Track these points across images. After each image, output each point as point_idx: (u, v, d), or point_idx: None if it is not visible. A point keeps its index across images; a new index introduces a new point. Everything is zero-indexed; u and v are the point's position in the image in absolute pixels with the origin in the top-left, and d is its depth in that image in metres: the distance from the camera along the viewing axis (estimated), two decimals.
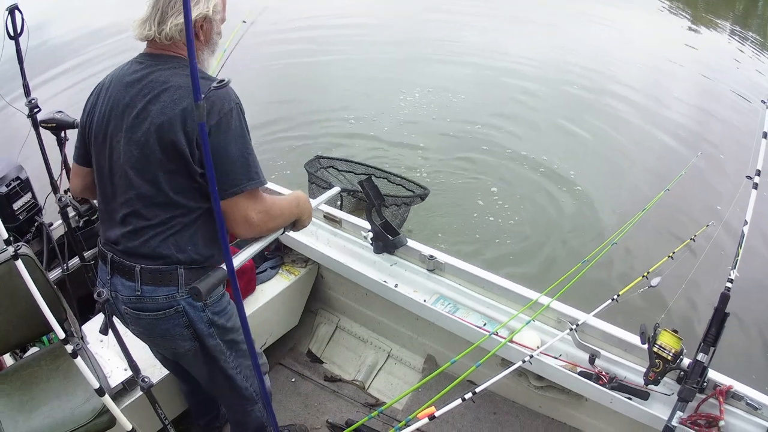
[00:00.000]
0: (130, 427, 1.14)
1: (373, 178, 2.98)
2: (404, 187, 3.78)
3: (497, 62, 7.01)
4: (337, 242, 2.64)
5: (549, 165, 5.07)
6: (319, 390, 2.73)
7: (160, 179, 1.55)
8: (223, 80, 1.00)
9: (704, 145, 5.36)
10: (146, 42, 1.62)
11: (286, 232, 1.79)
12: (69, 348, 1.14)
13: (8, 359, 2.35)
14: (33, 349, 2.45)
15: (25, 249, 2.15)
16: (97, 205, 1.78)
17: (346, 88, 6.36)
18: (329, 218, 2.66)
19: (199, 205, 1.61)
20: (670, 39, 8.41)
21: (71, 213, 2.58)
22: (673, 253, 2.31)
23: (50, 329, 2.25)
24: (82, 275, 2.58)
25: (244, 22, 2.72)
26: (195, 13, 1.56)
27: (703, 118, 6.05)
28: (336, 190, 2.24)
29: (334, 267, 2.60)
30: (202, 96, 0.94)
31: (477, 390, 1.65)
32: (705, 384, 1.83)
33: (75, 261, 2.59)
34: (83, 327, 2.40)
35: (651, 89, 6.47)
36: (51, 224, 2.55)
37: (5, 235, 1.12)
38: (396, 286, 2.43)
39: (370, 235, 2.53)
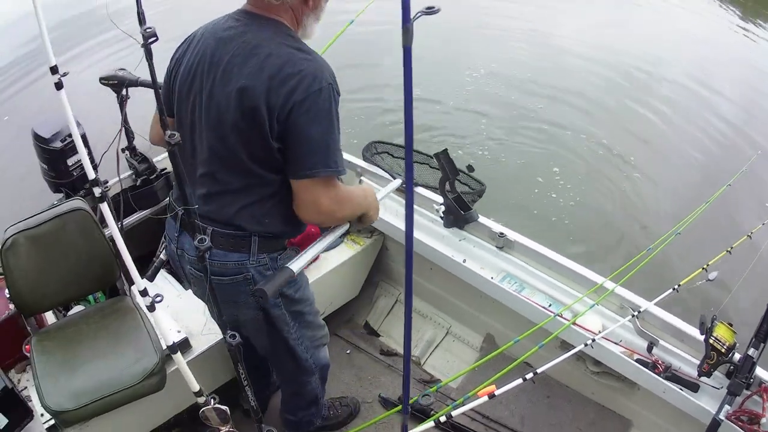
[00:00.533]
0: (197, 387, 1.13)
1: (428, 166, 2.92)
2: (459, 180, 3.69)
3: (556, 43, 7.05)
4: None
5: (610, 148, 5.15)
6: (373, 363, 2.78)
7: (237, 144, 1.53)
8: (433, 7, 0.84)
9: (759, 139, 5.26)
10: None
11: (351, 227, 1.79)
12: (147, 300, 1.12)
13: (50, 317, 2.31)
14: (77, 308, 2.42)
15: (81, 203, 2.13)
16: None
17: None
18: (399, 189, 2.64)
19: (275, 177, 1.58)
20: (720, 26, 8.20)
21: (128, 172, 2.59)
22: (732, 248, 2.34)
23: (98, 288, 2.26)
24: (134, 236, 2.59)
25: None
26: None
27: (757, 110, 5.94)
28: (398, 182, 2.27)
29: (400, 238, 2.61)
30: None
31: (538, 371, 1.63)
32: (752, 380, 1.85)
33: (128, 221, 2.61)
34: (132, 288, 2.41)
35: (704, 77, 6.41)
36: (107, 182, 2.55)
37: (92, 175, 1.08)
38: (464, 261, 2.45)
39: (442, 208, 2.54)
